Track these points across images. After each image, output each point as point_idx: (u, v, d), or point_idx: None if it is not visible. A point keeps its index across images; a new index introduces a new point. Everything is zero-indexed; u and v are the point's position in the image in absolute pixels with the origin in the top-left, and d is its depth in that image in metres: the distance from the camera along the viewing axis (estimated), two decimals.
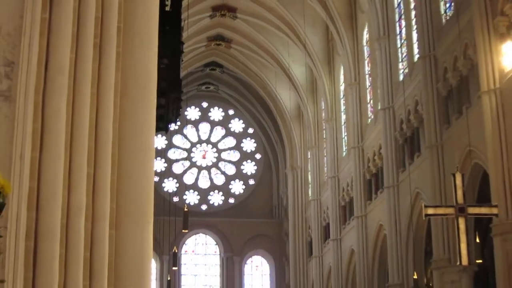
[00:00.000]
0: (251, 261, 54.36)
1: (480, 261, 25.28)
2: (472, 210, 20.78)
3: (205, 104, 55.08)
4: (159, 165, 51.58)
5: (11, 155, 6.01)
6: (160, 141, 49.72)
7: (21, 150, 6.58)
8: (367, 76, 40.00)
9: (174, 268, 44.16)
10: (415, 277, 31.18)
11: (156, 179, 48.42)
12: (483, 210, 22.13)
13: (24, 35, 6.60)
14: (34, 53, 7.14)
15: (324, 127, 46.33)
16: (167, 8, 14.13)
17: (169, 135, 50.14)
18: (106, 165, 8.43)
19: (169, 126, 17.96)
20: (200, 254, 53.38)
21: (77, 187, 7.92)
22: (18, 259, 6.41)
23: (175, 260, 42.58)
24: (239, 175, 54.87)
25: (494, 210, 22.18)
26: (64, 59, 7.82)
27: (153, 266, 32.67)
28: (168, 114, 14.89)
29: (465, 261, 20.49)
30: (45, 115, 7.62)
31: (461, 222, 19.59)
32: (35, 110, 7.37)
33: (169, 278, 44.35)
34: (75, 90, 8.10)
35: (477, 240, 24.00)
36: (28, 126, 7.01)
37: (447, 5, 30.64)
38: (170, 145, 53.19)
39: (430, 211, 22.58)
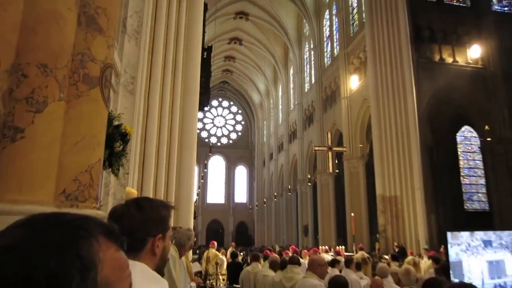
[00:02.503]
0: (238, 169, 54.44)
1: (337, 170, 25.54)
2: (335, 148, 20.96)
3: (220, 99, 54.55)
4: (199, 125, 51.23)
5: (133, 120, 5.89)
6: (200, 114, 49.30)
7: (138, 117, 6.46)
8: (291, 89, 39.81)
9: (205, 170, 44.25)
10: (309, 176, 31.52)
11: (198, 131, 48.17)
12: (340, 148, 22.35)
13: (139, 65, 6.43)
14: (144, 74, 6.99)
15: (272, 112, 46.18)
16: (204, 56, 13.91)
17: (204, 111, 49.79)
18: (176, 124, 8.34)
19: (204, 108, 17.90)
20: (216, 164, 53.32)
21: (163, 134, 7.83)
22: (135, 165, 6.33)
23: (206, 166, 42.64)
24: (234, 130, 54.66)
25: (344, 149, 22.41)
26: (158, 77, 7.68)
27: (195, 168, 32.73)
28: (203, 102, 14.72)
29: (331, 170, 20.75)
30: (149, 102, 7.50)
31: (330, 154, 19.74)
32: (144, 100, 7.24)
33: (202, 175, 44.56)
34: (163, 92, 7.99)
35: (336, 161, 24.20)
36: (142, 107, 6.88)
37: (327, 58, 30.42)
38: (204, 116, 52.75)
39: (317, 148, 22.77)
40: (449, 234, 3.04)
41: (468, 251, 3.10)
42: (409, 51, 18.95)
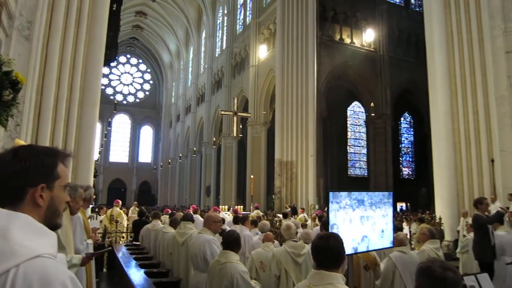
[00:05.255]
0: (144, 128, 52.27)
1: (241, 135, 25.90)
2: (240, 113, 21.15)
3: (128, 56, 51.12)
4: (104, 81, 47.76)
5: (28, 68, 5.31)
6: (105, 70, 45.89)
7: (34, 66, 5.85)
8: (202, 53, 38.87)
9: (108, 128, 41.83)
10: (214, 139, 31.71)
11: (103, 87, 45.08)
12: (245, 114, 22.59)
13: (38, 9, 5.76)
14: (43, 19, 6.29)
15: (181, 73, 44.79)
16: (113, 8, 12.82)
17: (110, 67, 46.55)
18: (78, 77, 7.71)
19: (110, 63, 16.73)
20: (122, 123, 50.59)
21: (63, 86, 7.21)
22: (29, 117, 5.78)
23: (109, 124, 40.30)
24: (142, 89, 51.94)
25: (249, 115, 22.82)
26: (59, 25, 6.99)
27: (98, 126, 30.69)
28: (110, 57, 13.73)
29: (235, 134, 21.04)
30: (48, 51, 6.84)
31: (235, 118, 19.87)
32: (42, 47, 6.57)
33: (105, 133, 42.13)
34: (64, 41, 7.29)
35: (240, 126, 24.58)
36: (39, 56, 6.24)
37: (239, 26, 30.19)
38: (110, 72, 49.20)
39: (223, 112, 22.77)
40: (331, 193, 3.36)
41: (345, 209, 3.49)
42: (314, 28, 19.62)
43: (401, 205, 25.70)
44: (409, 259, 4.45)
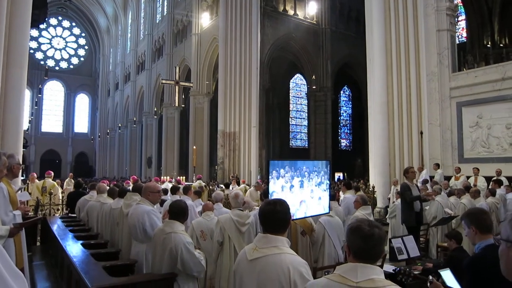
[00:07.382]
0: (80, 97, 49.09)
1: (183, 105, 25.32)
2: (182, 83, 20.48)
3: (60, 18, 47.20)
4: (33, 44, 43.96)
5: None
6: (34, 32, 42.16)
7: None
8: (142, 18, 36.87)
9: (39, 95, 38.89)
10: (155, 109, 30.73)
11: (32, 51, 41.51)
12: (187, 84, 21.83)
13: None
14: None
15: (120, 39, 42.38)
16: None
17: (39, 29, 42.83)
18: (1, 38, 7.06)
19: (39, 25, 15.49)
20: (54, 90, 47.18)
21: None
22: None
23: (40, 91, 37.44)
24: (76, 55, 48.48)
25: (191, 84, 22.26)
26: None
27: (27, 93, 28.51)
28: (39, 18, 12.65)
29: (177, 104, 20.56)
30: None
31: (177, 88, 19.27)
32: None
33: (36, 100, 39.19)
34: None
35: (183, 96, 23.97)
36: None
37: None
38: (40, 35, 45.29)
39: (164, 81, 22.01)
40: (271, 162, 3.44)
41: (284, 177, 3.60)
42: None
43: (339, 175, 27.02)
44: (335, 223, 4.86)
